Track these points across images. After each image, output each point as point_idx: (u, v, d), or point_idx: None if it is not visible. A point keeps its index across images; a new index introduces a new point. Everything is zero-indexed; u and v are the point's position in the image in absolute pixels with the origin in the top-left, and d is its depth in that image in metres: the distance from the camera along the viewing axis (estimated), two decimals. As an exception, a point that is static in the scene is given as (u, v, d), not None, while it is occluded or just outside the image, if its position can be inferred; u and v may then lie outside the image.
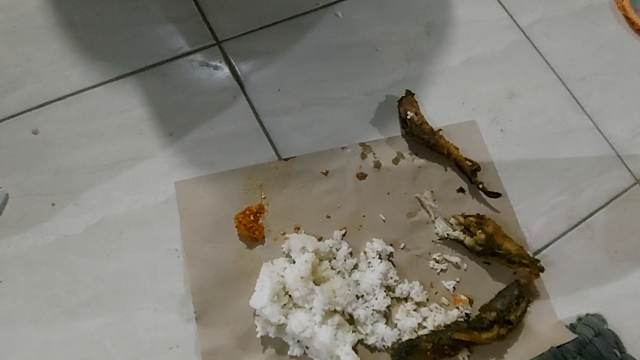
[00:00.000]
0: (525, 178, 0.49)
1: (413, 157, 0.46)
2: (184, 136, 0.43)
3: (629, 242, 0.48)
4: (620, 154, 0.52)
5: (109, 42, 0.46)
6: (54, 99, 0.43)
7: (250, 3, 0.51)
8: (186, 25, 0.48)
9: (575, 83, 0.55)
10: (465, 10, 0.56)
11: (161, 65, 0.46)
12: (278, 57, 0.49)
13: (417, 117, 0.46)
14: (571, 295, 0.44)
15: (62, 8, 0.47)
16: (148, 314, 0.37)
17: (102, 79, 0.44)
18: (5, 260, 0.37)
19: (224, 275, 0.39)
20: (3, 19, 0.46)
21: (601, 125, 0.54)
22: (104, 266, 0.38)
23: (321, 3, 0.52)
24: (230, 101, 0.46)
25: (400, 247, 0.42)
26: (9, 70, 0.44)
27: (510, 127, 0.51)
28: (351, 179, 0.44)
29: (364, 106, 0.48)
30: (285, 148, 0.45)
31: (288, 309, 0.37)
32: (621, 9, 0.62)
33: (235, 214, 0.41)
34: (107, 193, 0.40)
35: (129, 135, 0.43)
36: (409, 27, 0.53)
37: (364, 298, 0.39)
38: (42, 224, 0.39)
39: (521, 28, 0.57)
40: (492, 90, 0.52)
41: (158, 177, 0.41)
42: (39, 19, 0.46)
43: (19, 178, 0.40)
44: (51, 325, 0.36)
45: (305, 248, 0.38)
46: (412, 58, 0.52)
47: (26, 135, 0.41)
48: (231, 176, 0.42)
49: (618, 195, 0.50)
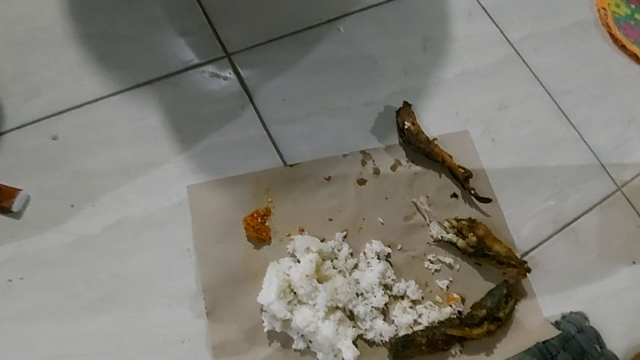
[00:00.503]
0: (515, 185, 0.51)
1: (410, 165, 0.49)
2: (195, 143, 0.46)
3: (610, 245, 0.51)
4: (603, 162, 0.56)
5: (125, 53, 0.49)
6: (72, 106, 0.45)
7: (258, 17, 0.53)
8: (197, 38, 0.51)
9: (562, 96, 0.58)
10: (459, 27, 0.59)
11: (174, 76, 0.48)
12: (284, 69, 0.51)
13: (414, 126, 0.49)
14: (556, 294, 0.47)
15: (79, 20, 0.49)
16: (162, 310, 0.40)
17: (118, 88, 0.47)
18: (26, 259, 0.39)
19: (233, 274, 0.41)
20: (23, 29, 0.48)
21: (586, 136, 0.57)
22: (120, 265, 0.40)
23: (325, 18, 0.55)
24: (239, 110, 0.48)
25: (397, 249, 0.45)
26: (29, 78, 0.46)
27: (500, 136, 0.54)
28: (352, 184, 0.47)
29: (364, 116, 0.51)
30: (290, 155, 0.47)
31: (293, 305, 0.40)
32: (605, 26, 0.65)
33: (244, 217, 0.43)
34: (123, 196, 0.43)
35: (143, 142, 0.45)
36: (406, 42, 0.56)
37: (364, 296, 0.42)
38: (61, 224, 0.41)
39: (511, 43, 0.60)
40: (484, 102, 0.55)
41: (171, 182, 0.44)
42: (57, 30, 0.49)
43: (40, 181, 0.42)
44: (69, 320, 0.38)
45: (309, 248, 0.41)
46: (409, 71, 0.55)
47: (46, 140, 0.44)
48: (240, 181, 0.45)
49: (601, 202, 0.53)
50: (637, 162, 0.57)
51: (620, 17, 0.66)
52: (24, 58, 0.47)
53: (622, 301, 0.48)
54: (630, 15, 0.67)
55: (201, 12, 0.52)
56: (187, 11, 0.52)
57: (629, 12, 0.67)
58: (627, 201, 0.54)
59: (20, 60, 0.47)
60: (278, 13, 0.54)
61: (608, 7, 0.66)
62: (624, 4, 0.67)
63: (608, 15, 0.65)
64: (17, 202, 0.40)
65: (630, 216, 0.54)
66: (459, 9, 0.60)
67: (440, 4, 0.61)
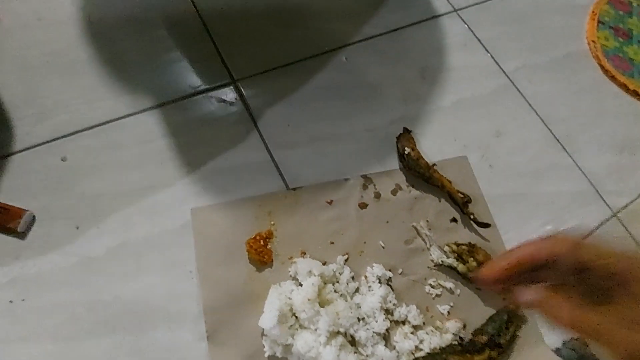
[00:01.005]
0: (513, 210, 0.52)
1: (410, 189, 0.50)
2: (200, 166, 0.47)
3: (608, 271, 0.52)
4: (598, 189, 0.57)
5: (135, 78, 0.50)
6: (82, 128, 0.46)
7: (264, 46, 0.56)
8: (205, 65, 0.53)
9: (556, 124, 0.60)
10: (455, 57, 0.62)
11: (182, 101, 0.50)
12: (288, 95, 0.53)
13: (414, 152, 0.50)
14: (557, 320, 0.47)
15: (92, 46, 0.52)
16: (162, 333, 0.39)
17: (127, 111, 0.48)
18: (29, 280, 0.40)
19: (234, 297, 0.41)
20: (38, 54, 0.50)
21: (580, 163, 0.58)
22: (123, 287, 0.41)
23: (328, 48, 0.58)
24: (244, 135, 0.50)
25: (398, 273, 0.46)
26: (41, 100, 0.47)
27: (497, 162, 0.55)
28: (353, 208, 0.48)
29: (366, 141, 0.52)
30: (293, 179, 0.48)
31: (294, 330, 0.40)
32: (596, 58, 0.68)
33: (247, 239, 0.43)
34: (128, 218, 0.43)
35: (150, 164, 0.46)
36: (405, 71, 0.59)
37: (365, 320, 0.42)
38: (65, 245, 0.41)
39: (506, 73, 0.63)
40: (480, 129, 0.57)
41: (176, 204, 0.44)
42: (71, 55, 0.51)
43: (46, 202, 0.43)
44: (70, 342, 0.38)
45: (311, 272, 0.41)
46: (408, 99, 0.57)
47: (55, 161, 0.45)
48: (243, 204, 0.46)
49: (598, 227, 0.54)
50: (631, 189, 0.58)
51: (610, 50, 0.69)
52: (37, 82, 0.48)
53: (622, 328, 0.48)
54: (618, 48, 0.70)
55: (210, 40, 0.54)
56: (196, 39, 0.54)
57: (617, 45, 0.70)
58: (623, 227, 0.55)
59: (33, 83, 0.48)
60: (283, 42, 0.57)
61: (598, 40, 0.69)
62: (613, 37, 0.71)
63: (598, 48, 0.69)
64: (22, 223, 0.41)
65: (627, 242, 0.54)
66: (455, 41, 0.63)
67: (437, 35, 0.64)
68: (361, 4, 0.63)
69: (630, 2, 0.76)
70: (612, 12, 0.74)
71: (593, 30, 0.70)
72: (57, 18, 0.52)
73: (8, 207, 0.41)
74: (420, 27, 0.63)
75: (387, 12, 0.63)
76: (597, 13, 0.72)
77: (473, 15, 0.66)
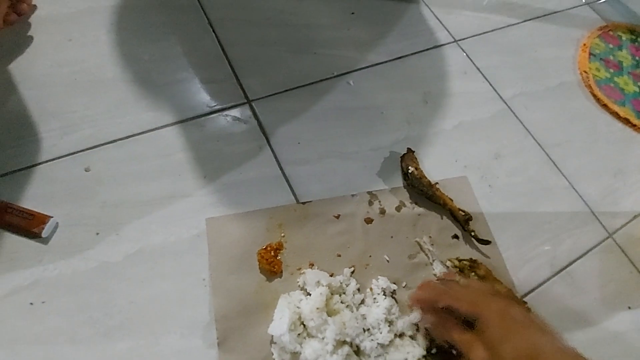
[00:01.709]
0: (512, 228, 0.55)
1: (413, 206, 0.53)
2: (216, 179, 0.50)
3: (606, 290, 0.53)
4: (594, 210, 0.59)
5: (156, 96, 0.54)
6: (106, 141, 0.49)
7: (277, 70, 0.60)
8: (222, 85, 0.57)
9: (552, 148, 0.63)
10: (456, 84, 0.66)
11: (200, 118, 0.53)
12: (299, 115, 0.57)
13: (417, 171, 0.53)
14: (556, 337, 0.48)
15: (117, 66, 0.55)
16: (175, 339, 0.41)
17: (149, 127, 0.51)
18: (50, 283, 0.41)
19: (245, 305, 0.43)
20: (67, 72, 0.54)
21: (576, 185, 0.61)
22: (138, 292, 0.42)
23: (336, 72, 0.62)
24: (257, 151, 0.53)
25: (402, 286, 0.47)
26: (68, 115, 0.51)
27: (496, 183, 0.58)
28: (359, 222, 0.50)
29: (371, 160, 0.55)
30: (302, 193, 0.51)
31: (302, 338, 0.41)
32: (588, 87, 0.72)
33: (258, 249, 0.46)
34: (146, 226, 0.45)
35: (168, 176, 0.49)
36: (409, 95, 0.62)
37: (370, 331, 0.43)
38: (86, 251, 0.43)
39: (504, 100, 0.66)
40: (480, 151, 0.60)
41: (192, 214, 0.47)
42: (97, 74, 0.54)
43: (69, 209, 0.45)
44: (86, 345, 0.39)
45: (320, 282, 0.43)
46: (412, 121, 0.60)
47: (79, 172, 0.47)
48: (255, 216, 0.48)
49: (594, 247, 0.56)
50: (625, 211, 0.61)
51: (601, 80, 0.73)
52: (66, 97, 0.52)
53: (620, 346, 0.49)
54: (609, 78, 0.74)
55: (227, 64, 0.58)
56: (214, 62, 0.58)
57: (608, 75, 0.74)
58: (619, 248, 0.57)
59: (62, 99, 0.52)
60: (294, 66, 0.61)
61: (589, 71, 0.74)
62: (604, 68, 0.75)
63: (590, 78, 0.73)
64: (46, 228, 0.43)
65: (623, 262, 0.56)
66: (455, 68, 0.67)
67: (438, 63, 0.68)
68: (367, 33, 0.67)
69: (619, 36, 0.81)
70: (603, 45, 0.79)
71: (585, 62, 0.75)
72: (86, 40, 0.56)
73: (34, 213, 0.43)
74: (423, 56, 0.67)
75: (391, 42, 0.67)
76: (588, 46, 0.77)
77: (472, 46, 0.71)
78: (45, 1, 0.58)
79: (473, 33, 0.73)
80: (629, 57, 0.79)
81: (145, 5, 0.61)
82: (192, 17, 0.62)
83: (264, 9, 0.65)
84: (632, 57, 0.79)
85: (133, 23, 0.59)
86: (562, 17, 0.81)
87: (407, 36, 0.69)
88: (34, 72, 0.52)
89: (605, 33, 0.81)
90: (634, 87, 0.74)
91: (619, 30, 0.82)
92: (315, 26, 0.66)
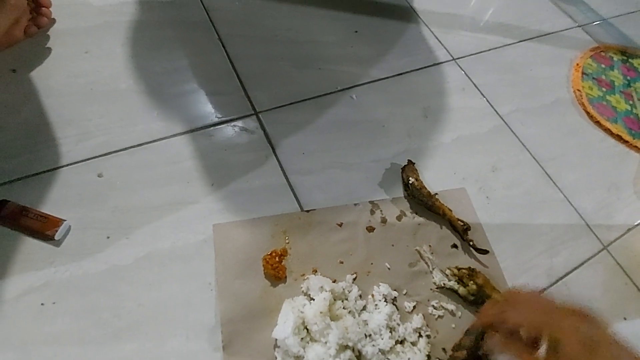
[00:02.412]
0: (509, 239, 0.56)
1: (413, 216, 0.54)
2: (223, 187, 0.51)
3: (602, 300, 0.54)
4: (589, 223, 0.61)
5: (167, 107, 0.56)
6: (119, 149, 0.51)
7: (284, 84, 0.62)
8: (231, 97, 0.59)
9: (547, 162, 0.66)
10: (454, 99, 0.68)
11: (209, 128, 0.55)
12: (304, 127, 0.59)
13: (417, 182, 0.55)
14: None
15: (130, 77, 0.58)
16: (181, 341, 0.42)
17: (160, 135, 0.53)
18: (61, 284, 0.42)
19: (250, 309, 0.44)
20: (83, 82, 0.56)
21: (571, 198, 0.63)
22: (146, 295, 0.43)
23: (339, 87, 0.64)
24: (263, 160, 0.55)
25: (403, 293, 0.48)
26: (84, 123, 0.53)
27: (494, 195, 0.60)
28: (361, 231, 0.52)
29: (373, 171, 0.57)
30: (307, 202, 0.53)
31: (305, 343, 0.42)
32: (581, 105, 0.75)
33: (263, 255, 0.47)
34: (155, 230, 0.47)
35: (178, 183, 0.50)
36: (409, 110, 0.65)
37: (371, 337, 0.44)
38: (96, 254, 0.45)
39: (500, 115, 0.69)
40: (478, 164, 0.62)
41: (199, 220, 0.48)
42: (112, 85, 0.57)
43: (82, 213, 0.46)
44: (94, 346, 0.40)
45: (323, 287, 0.44)
46: (412, 134, 0.62)
47: (92, 177, 0.49)
48: (261, 222, 0.49)
49: (589, 259, 0.58)
50: (619, 224, 0.62)
51: (594, 98, 0.76)
52: (81, 106, 0.54)
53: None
54: (602, 97, 0.77)
55: (236, 77, 0.61)
56: (223, 75, 0.61)
57: (600, 94, 0.77)
58: (614, 260, 0.59)
59: (77, 107, 0.54)
60: (300, 81, 0.63)
61: (582, 89, 0.77)
62: (597, 87, 0.78)
63: (583, 95, 0.76)
64: (60, 231, 0.44)
65: (618, 274, 0.58)
66: (454, 85, 0.70)
67: (437, 80, 0.71)
68: (370, 51, 0.71)
69: (611, 57, 0.85)
70: (595, 65, 0.82)
71: (578, 81, 0.78)
72: (102, 52, 0.59)
73: (47, 216, 0.45)
74: (423, 73, 0.70)
75: (393, 59, 0.70)
76: (581, 65, 0.80)
77: (470, 64, 0.74)
78: (64, 15, 0.61)
79: (471, 52, 0.76)
80: (620, 76, 0.82)
81: (158, 21, 0.64)
82: (203, 33, 0.65)
83: (271, 26, 0.68)
84: (624, 77, 0.82)
85: (147, 37, 0.62)
86: (556, 38, 0.85)
87: (407, 54, 0.72)
88: (52, 82, 0.55)
89: (597, 54, 0.84)
90: (625, 105, 0.77)
91: (610, 52, 0.86)
92: (320, 43, 0.69)
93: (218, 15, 0.67)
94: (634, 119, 0.75)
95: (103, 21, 0.62)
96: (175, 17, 0.65)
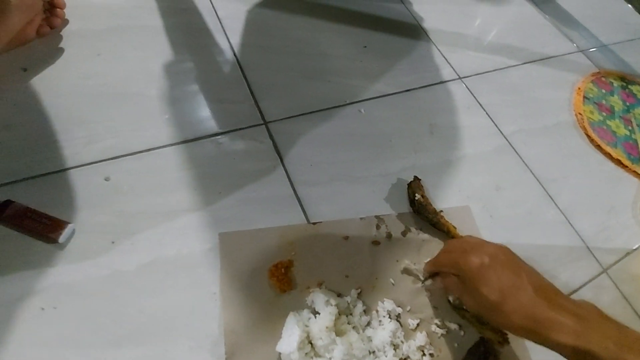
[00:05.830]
0: (511, 259, 0.57)
1: (418, 232, 0.55)
2: (230, 195, 0.51)
3: (600, 324, 0.55)
4: (589, 246, 0.62)
5: (177, 113, 0.56)
6: (127, 153, 0.51)
7: (294, 95, 0.63)
8: (241, 106, 0.59)
9: (548, 183, 0.67)
10: (460, 118, 0.69)
11: (218, 136, 0.56)
12: (312, 138, 0.59)
13: (423, 199, 0.55)
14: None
15: (141, 81, 0.58)
16: (182, 351, 0.41)
17: (169, 141, 0.53)
18: (63, 288, 0.42)
19: (254, 321, 0.44)
20: (94, 84, 0.56)
21: (572, 220, 0.64)
22: (149, 302, 0.43)
23: (348, 100, 0.65)
24: (271, 170, 0.55)
25: (406, 310, 0.48)
26: (93, 125, 0.52)
27: (497, 213, 0.60)
28: (367, 245, 0.52)
29: (379, 185, 0.58)
30: (313, 214, 0.53)
31: (310, 358, 0.41)
32: (582, 128, 0.77)
33: (269, 266, 0.47)
34: (161, 237, 0.46)
35: (184, 190, 0.50)
36: (416, 126, 0.66)
37: (375, 354, 0.44)
38: (100, 258, 0.44)
39: (504, 135, 0.70)
40: (482, 183, 0.63)
41: (205, 228, 0.48)
42: (122, 88, 0.57)
43: (87, 216, 0.46)
44: (93, 352, 0.39)
45: (329, 301, 0.44)
46: (418, 150, 0.63)
47: (99, 180, 0.48)
48: (267, 233, 0.49)
49: (589, 282, 0.58)
50: (619, 248, 0.63)
51: (595, 122, 0.78)
52: (91, 108, 0.54)
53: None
54: (602, 121, 0.79)
55: (246, 86, 0.61)
56: (234, 84, 0.61)
57: (601, 118, 0.79)
58: (613, 283, 0.59)
59: (87, 109, 0.53)
60: (309, 92, 0.64)
61: (584, 113, 0.78)
62: (597, 111, 0.80)
63: (584, 119, 0.77)
64: (64, 234, 0.44)
65: (617, 298, 0.58)
66: (460, 103, 0.71)
67: (444, 97, 0.72)
68: (378, 66, 0.72)
69: (611, 83, 0.87)
70: (596, 89, 0.84)
71: (579, 104, 0.80)
72: (114, 55, 0.59)
73: (52, 219, 0.44)
74: (430, 90, 0.71)
75: (400, 75, 0.71)
76: (582, 90, 0.82)
77: (475, 83, 0.75)
78: (76, 16, 0.61)
79: (476, 71, 0.77)
80: (619, 102, 0.84)
81: (171, 26, 0.64)
82: (215, 41, 0.65)
83: (282, 37, 0.69)
84: (623, 103, 0.84)
85: (159, 43, 0.62)
86: (558, 61, 0.87)
87: (415, 70, 0.73)
88: (63, 83, 0.54)
89: (597, 79, 0.86)
90: (624, 131, 0.79)
91: (610, 77, 0.88)
92: (330, 56, 0.70)
93: (230, 24, 0.68)
94: (633, 145, 0.77)
95: (116, 24, 0.62)
96: (188, 23, 0.66)
